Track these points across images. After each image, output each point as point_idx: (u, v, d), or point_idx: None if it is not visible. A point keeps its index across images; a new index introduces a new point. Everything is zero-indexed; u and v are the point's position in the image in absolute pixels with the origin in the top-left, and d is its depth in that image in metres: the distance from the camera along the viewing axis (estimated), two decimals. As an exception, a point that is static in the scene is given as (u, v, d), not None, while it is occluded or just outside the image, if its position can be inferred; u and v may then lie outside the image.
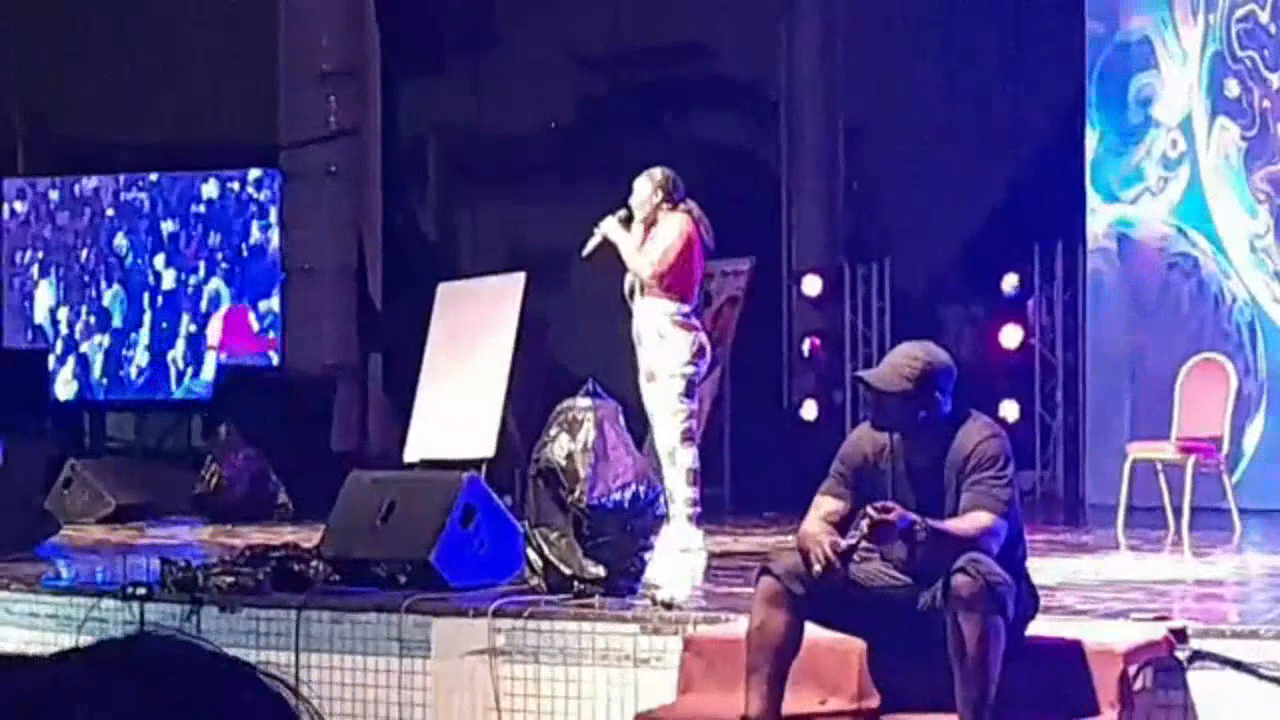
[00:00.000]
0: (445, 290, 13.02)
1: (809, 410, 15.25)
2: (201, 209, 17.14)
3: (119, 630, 7.91)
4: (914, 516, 6.15)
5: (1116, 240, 14.10)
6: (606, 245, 9.95)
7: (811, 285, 15.67)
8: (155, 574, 8.58)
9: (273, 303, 16.21)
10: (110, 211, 17.27)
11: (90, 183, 17.30)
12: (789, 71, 16.11)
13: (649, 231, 9.92)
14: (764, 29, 16.05)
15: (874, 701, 6.66)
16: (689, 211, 9.97)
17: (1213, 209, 13.64)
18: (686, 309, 9.86)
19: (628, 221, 9.95)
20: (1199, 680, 6.81)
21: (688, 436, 9.88)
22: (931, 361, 6.46)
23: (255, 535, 10.86)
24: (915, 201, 15.12)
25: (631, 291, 9.91)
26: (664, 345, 9.76)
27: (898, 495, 6.38)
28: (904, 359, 6.54)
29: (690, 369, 9.82)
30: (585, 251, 10.07)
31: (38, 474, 12.99)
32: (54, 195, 17.49)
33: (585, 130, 15.75)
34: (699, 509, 9.87)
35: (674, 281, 9.79)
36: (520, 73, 15.87)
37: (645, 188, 10.01)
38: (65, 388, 16.10)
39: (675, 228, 9.86)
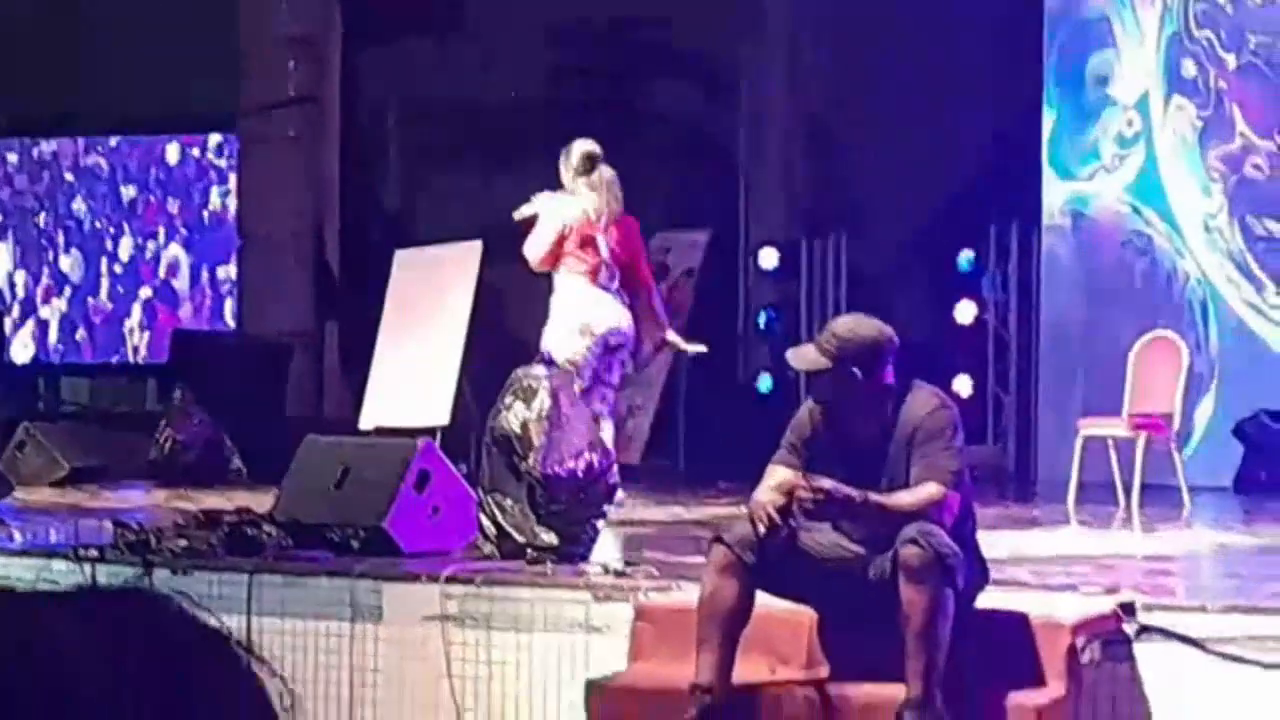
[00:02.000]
0: (402, 257, 12.99)
1: (764, 383, 15.26)
2: (161, 174, 17.07)
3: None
4: (851, 491, 6.17)
5: (1071, 218, 14.13)
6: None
7: (768, 258, 15.67)
8: (108, 537, 8.55)
9: (230, 269, 16.16)
10: (69, 176, 17.19)
11: (49, 146, 17.21)
12: (750, 45, 16.10)
13: None
14: (726, 1, 16.04)
15: (823, 670, 6.68)
16: (598, 189, 9.94)
17: (1167, 188, 13.69)
18: (601, 281, 9.84)
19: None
20: (1146, 654, 6.84)
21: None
22: (850, 337, 6.44)
23: (209, 499, 10.82)
24: (872, 177, 15.12)
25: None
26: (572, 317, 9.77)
27: (844, 466, 6.38)
28: (825, 336, 6.56)
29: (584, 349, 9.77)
30: (516, 215, 10.10)
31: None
32: (11, 158, 17.40)
33: (546, 101, 15.72)
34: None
35: (559, 264, 9.82)
36: (483, 42, 15.83)
37: (566, 160, 10.05)
38: (21, 351, 16.03)
39: (551, 218, 9.90)
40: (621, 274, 10.17)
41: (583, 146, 10.09)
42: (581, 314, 9.92)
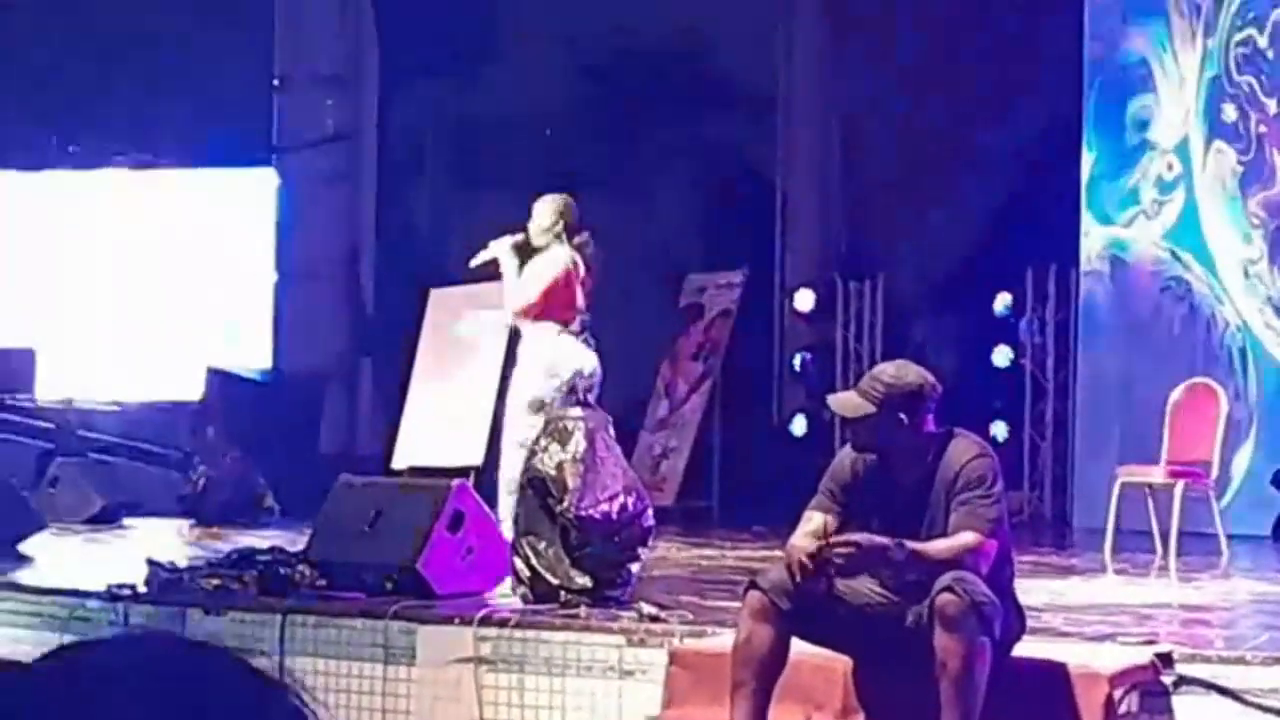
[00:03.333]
0: (438, 296, 13.03)
1: (799, 425, 15.25)
2: (197, 210, 17.12)
3: (104, 630, 7.91)
4: (884, 541, 6.17)
5: (1110, 263, 14.11)
6: (495, 263, 9.84)
7: (804, 300, 15.68)
8: (141, 575, 8.58)
9: (265, 305, 16.20)
10: (100, 208, 17.24)
11: (74, 177, 17.27)
12: (787, 83, 16.13)
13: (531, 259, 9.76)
14: (763, 39, 16.08)
15: (859, 718, 6.67)
16: (578, 246, 9.75)
17: (1207, 233, 13.66)
18: (573, 329, 9.71)
19: (521, 247, 9.78)
20: (1184, 705, 6.82)
21: None
22: (894, 384, 6.44)
23: (241, 538, 10.85)
24: (910, 219, 15.13)
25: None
26: (538, 371, 9.61)
27: (883, 513, 6.39)
28: (868, 382, 6.55)
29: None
30: (473, 262, 9.98)
31: (26, 473, 12.99)
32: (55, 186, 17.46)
33: (580, 135, 15.76)
34: None
35: (543, 314, 9.67)
36: (516, 76, 15.88)
37: (546, 214, 9.77)
38: (53, 388, 16.07)
39: (553, 265, 9.66)
40: None
41: (568, 201, 9.87)
42: (556, 358, 9.67)
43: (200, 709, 1.11)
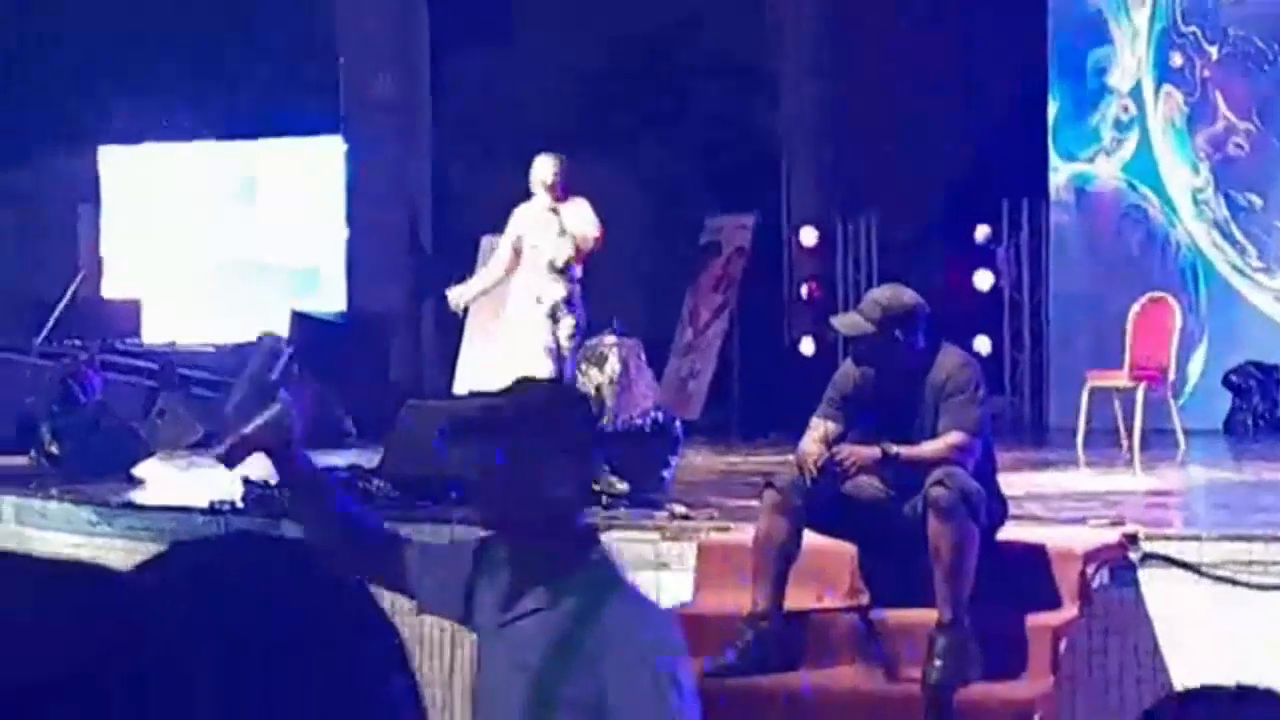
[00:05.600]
0: (487, 242, 13.01)
1: (807, 346, 15.23)
2: (277, 174, 17.14)
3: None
4: (874, 453, 6.18)
5: (1075, 195, 14.05)
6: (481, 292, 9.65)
7: (808, 236, 15.64)
8: (238, 492, 8.60)
9: (339, 256, 16.21)
10: (193, 175, 17.26)
11: (171, 149, 17.28)
12: (782, 47, 16.06)
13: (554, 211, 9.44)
14: (760, 10, 16.04)
15: (865, 598, 6.68)
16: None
17: (1160, 166, 13.59)
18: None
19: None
20: (1149, 578, 6.83)
21: None
22: (889, 305, 6.43)
23: (324, 458, 10.84)
24: (897, 163, 15.07)
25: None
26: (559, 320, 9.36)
27: (880, 417, 6.38)
28: (867, 304, 6.56)
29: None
30: (456, 308, 9.83)
31: (135, 407, 13.04)
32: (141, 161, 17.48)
33: (610, 99, 15.72)
34: None
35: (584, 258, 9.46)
36: (550, 44, 15.83)
37: (553, 166, 9.50)
38: (156, 333, 16.12)
39: (589, 210, 9.47)
40: None
41: (563, 159, 9.60)
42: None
43: (284, 594, 1.10)
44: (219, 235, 17.06)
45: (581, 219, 9.35)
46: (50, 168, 16.90)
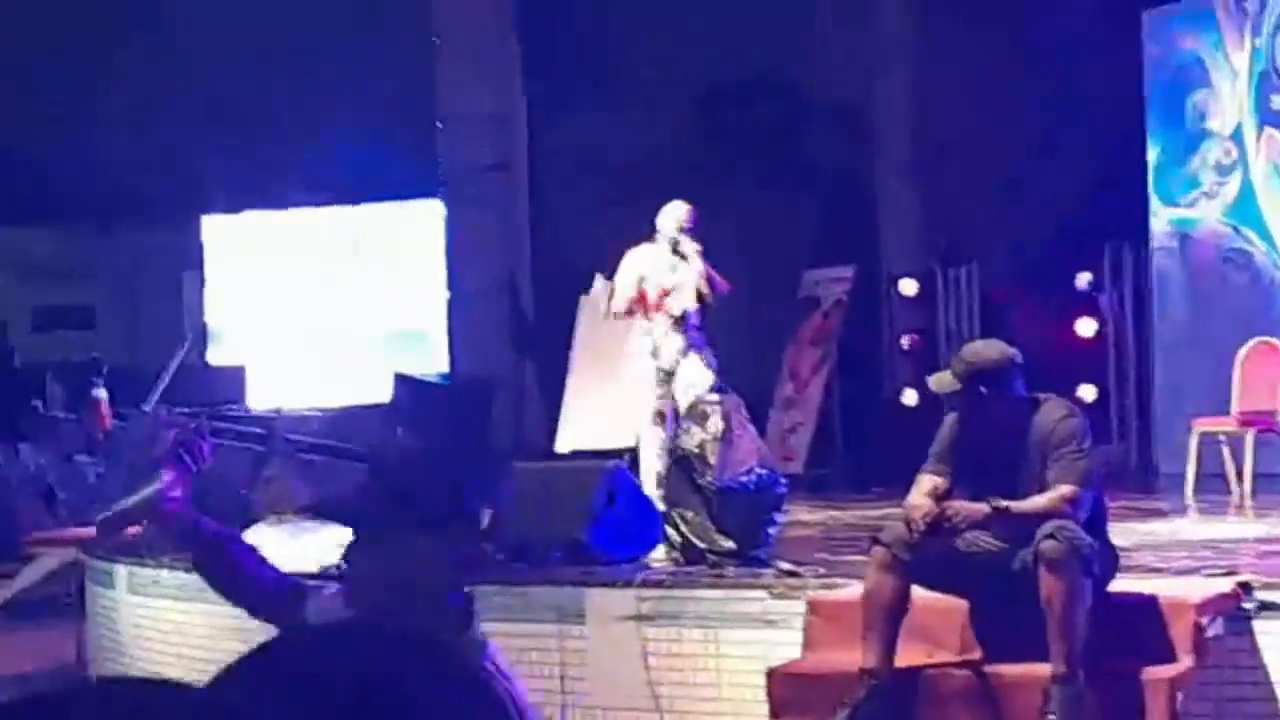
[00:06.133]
0: (586, 300, 13.07)
1: (909, 398, 15.17)
2: (378, 239, 17.29)
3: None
4: (984, 509, 6.16)
5: (1178, 239, 13.94)
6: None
7: (908, 287, 15.60)
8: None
9: (441, 320, 16.32)
10: (294, 242, 17.45)
11: (272, 216, 17.49)
12: (877, 96, 16.05)
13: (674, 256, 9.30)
14: (855, 61, 16.04)
15: (976, 654, 6.64)
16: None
17: (1263, 208, 13.46)
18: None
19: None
20: (1264, 628, 6.74)
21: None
22: (975, 360, 6.45)
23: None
24: (997, 212, 15.02)
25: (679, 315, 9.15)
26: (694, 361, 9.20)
27: (986, 472, 6.36)
28: (955, 361, 6.59)
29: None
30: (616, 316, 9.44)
31: (242, 473, 13.17)
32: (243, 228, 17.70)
33: (705, 153, 15.76)
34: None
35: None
36: (642, 104, 15.91)
37: (687, 210, 9.32)
38: (261, 399, 16.29)
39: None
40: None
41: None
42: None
43: (395, 694, 1.08)
44: (321, 300, 17.24)
45: (707, 272, 9.27)
46: (154, 238, 17.16)
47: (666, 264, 9.21)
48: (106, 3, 16.61)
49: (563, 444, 12.70)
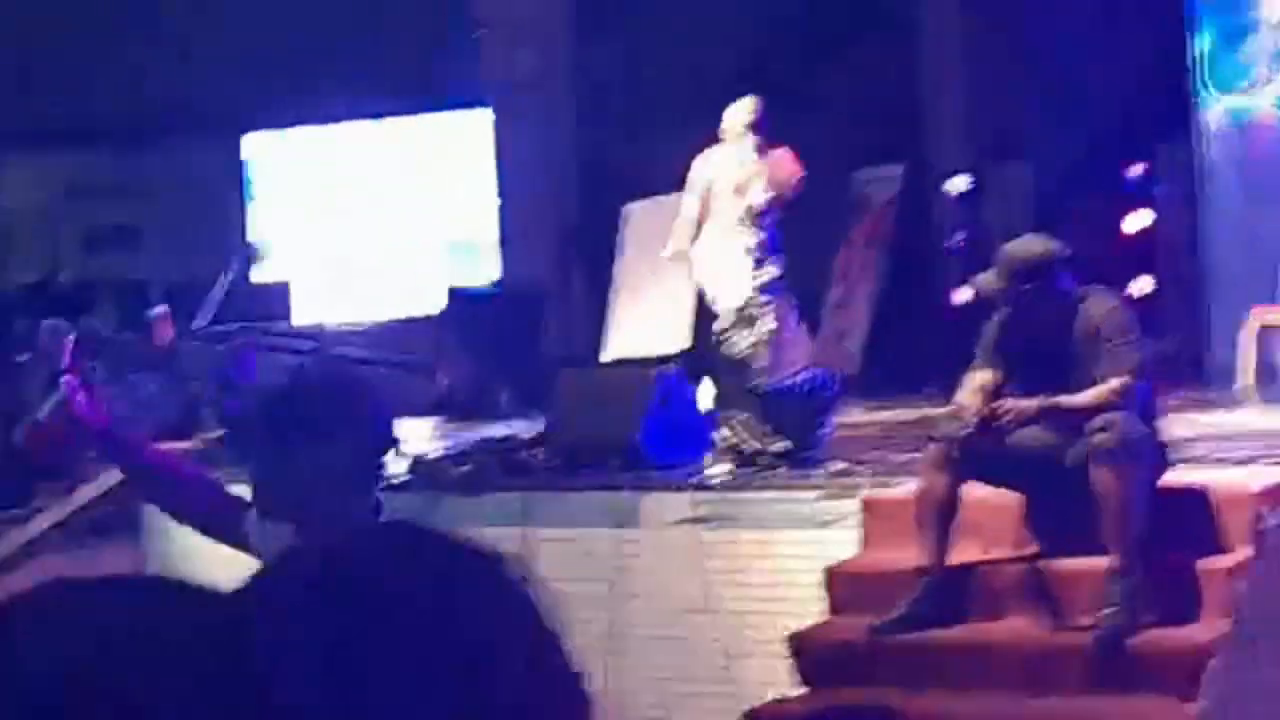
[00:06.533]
0: (629, 209, 13.06)
1: (960, 297, 15.10)
2: (420, 149, 17.27)
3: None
4: (1035, 404, 6.15)
5: (1229, 129, 13.82)
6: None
7: (958, 185, 15.49)
8: (402, 467, 8.71)
9: (491, 230, 16.33)
10: (341, 156, 17.45)
11: (318, 131, 17.46)
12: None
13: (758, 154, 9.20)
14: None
15: (1032, 549, 6.65)
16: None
17: (1316, 96, 13.35)
18: None
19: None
20: (1322, 516, 6.72)
21: None
22: (1020, 256, 6.44)
23: (484, 430, 10.95)
24: (1047, 106, 14.90)
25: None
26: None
27: (1035, 368, 6.35)
28: (1000, 257, 6.55)
29: None
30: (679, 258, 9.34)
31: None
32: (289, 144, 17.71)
33: (753, 56, 15.66)
34: None
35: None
36: (691, 11, 15.81)
37: (753, 106, 9.26)
38: (309, 313, 16.33)
39: (788, 153, 9.31)
40: None
41: None
42: None
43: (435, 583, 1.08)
44: (369, 214, 17.25)
45: (782, 162, 9.19)
46: (200, 156, 17.19)
47: (735, 161, 9.13)
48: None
49: (611, 352, 12.70)
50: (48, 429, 3.65)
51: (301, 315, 16.12)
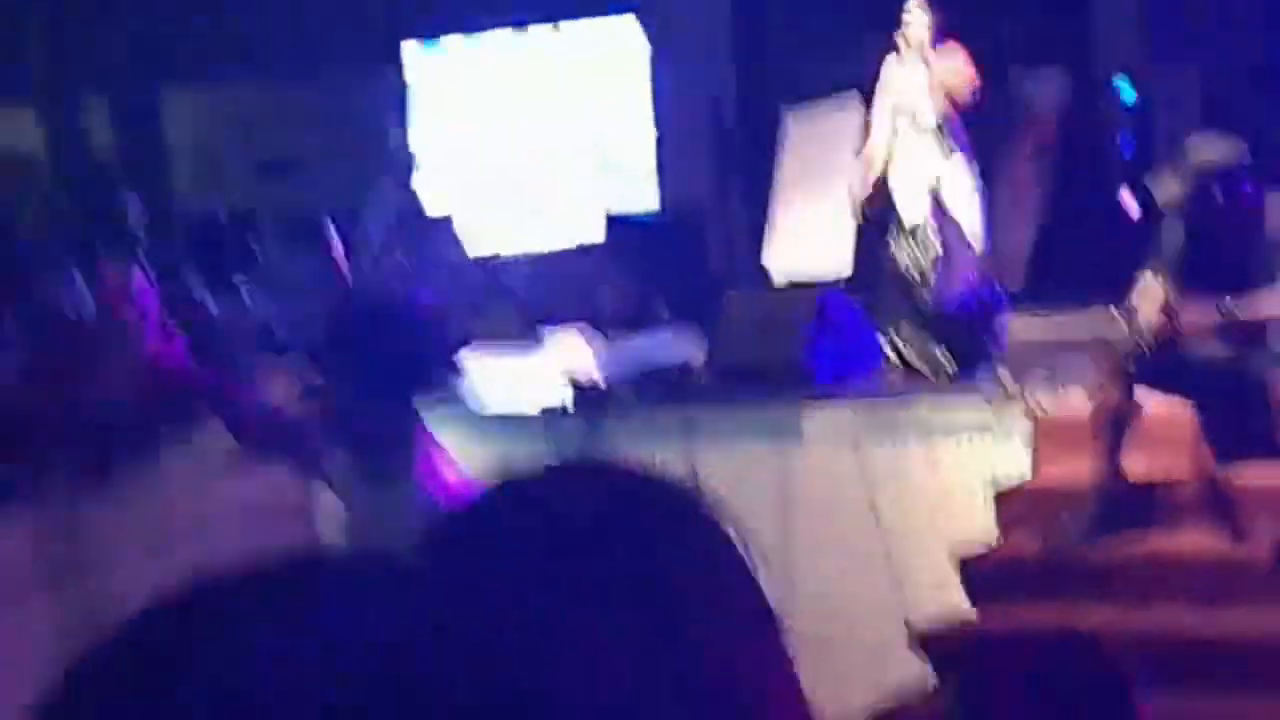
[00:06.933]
0: (790, 115, 12.92)
1: (1130, 205, 14.82)
2: (569, 64, 17.11)
3: (538, 437, 8.10)
4: (1217, 313, 5.99)
5: None
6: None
7: (1125, 89, 15.18)
8: (567, 393, 8.71)
9: (647, 147, 16.23)
10: (494, 73, 17.33)
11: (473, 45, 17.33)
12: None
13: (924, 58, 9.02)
14: None
15: (1210, 463, 6.50)
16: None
17: None
18: None
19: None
20: None
21: None
22: (1200, 158, 6.25)
23: (648, 350, 10.87)
24: (1219, 7, 14.54)
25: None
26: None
27: (1213, 274, 6.19)
28: (1178, 160, 6.38)
29: None
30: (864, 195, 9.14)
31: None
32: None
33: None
34: None
35: None
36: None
37: (924, 16, 9.00)
38: (471, 245, 16.34)
39: (962, 55, 9.11)
40: None
41: None
42: None
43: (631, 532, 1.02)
44: (524, 136, 17.16)
45: (954, 67, 8.91)
46: (357, 82, 17.26)
47: (918, 74, 8.93)
48: None
49: (773, 263, 12.58)
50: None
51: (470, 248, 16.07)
